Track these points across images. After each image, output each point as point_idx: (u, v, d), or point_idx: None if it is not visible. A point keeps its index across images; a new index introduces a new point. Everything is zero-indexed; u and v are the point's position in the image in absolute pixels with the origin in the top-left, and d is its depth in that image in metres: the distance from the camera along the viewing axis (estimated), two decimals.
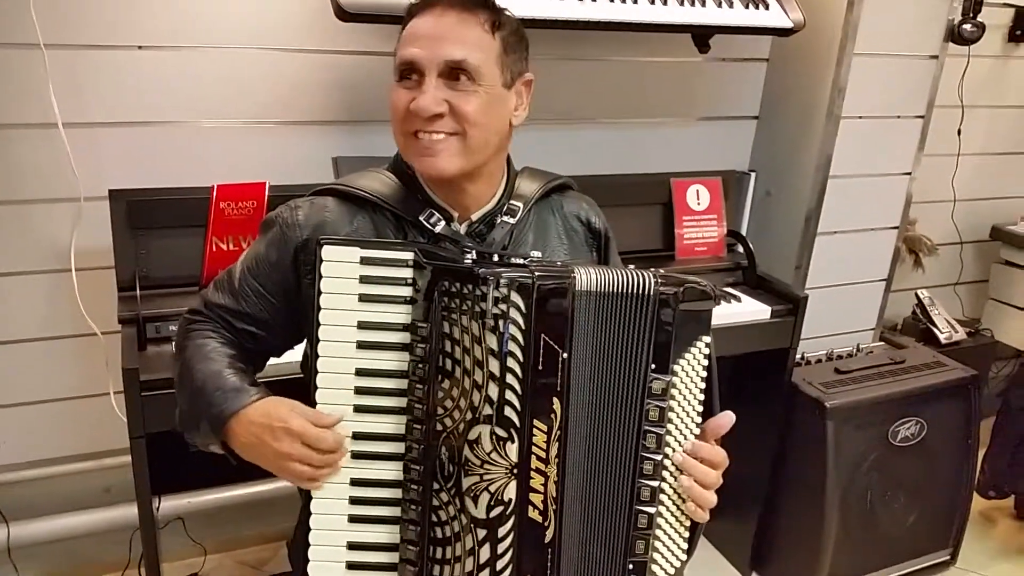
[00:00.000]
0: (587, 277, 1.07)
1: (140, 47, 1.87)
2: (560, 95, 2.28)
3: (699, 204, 2.33)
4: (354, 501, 1.12)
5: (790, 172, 2.50)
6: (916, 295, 3.01)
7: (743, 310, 2.14)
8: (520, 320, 1.04)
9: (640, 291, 1.08)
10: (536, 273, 1.05)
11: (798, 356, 2.38)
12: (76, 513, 2.13)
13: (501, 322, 1.04)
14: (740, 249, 2.36)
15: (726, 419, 1.14)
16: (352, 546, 1.12)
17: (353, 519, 1.12)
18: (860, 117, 2.41)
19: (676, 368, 1.09)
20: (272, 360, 1.31)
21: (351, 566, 1.12)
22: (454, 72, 1.12)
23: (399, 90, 1.15)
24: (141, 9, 1.84)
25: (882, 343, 2.64)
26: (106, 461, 2.13)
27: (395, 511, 1.12)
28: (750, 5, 2.06)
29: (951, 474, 2.43)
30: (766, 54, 2.53)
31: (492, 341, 1.04)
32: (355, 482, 1.12)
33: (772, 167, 2.56)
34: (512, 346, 1.04)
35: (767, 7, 2.08)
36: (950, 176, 2.97)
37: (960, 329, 3.00)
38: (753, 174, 2.59)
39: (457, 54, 1.11)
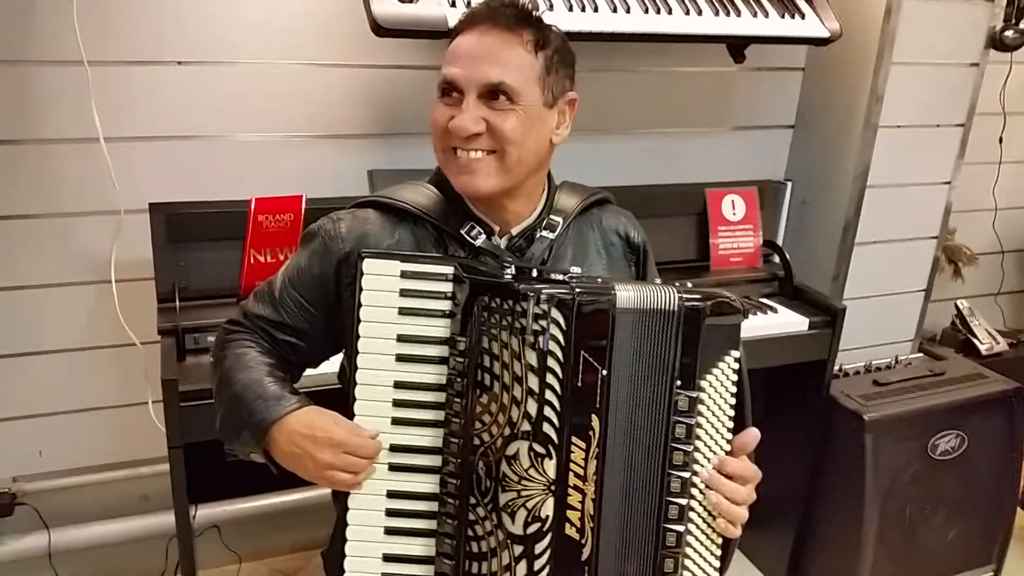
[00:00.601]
0: (626, 294, 1.06)
1: (180, 63, 1.90)
2: (594, 106, 2.27)
3: (734, 214, 2.31)
4: (391, 513, 1.12)
5: (827, 181, 2.48)
6: (956, 305, 2.96)
7: (780, 321, 2.12)
8: (560, 336, 1.04)
9: (670, 305, 1.07)
10: (576, 290, 1.05)
11: (835, 368, 2.35)
12: (114, 520, 2.16)
13: (541, 338, 1.04)
14: (776, 259, 2.34)
15: (751, 436, 1.13)
16: (388, 558, 1.12)
17: (389, 531, 1.12)
18: (898, 126, 2.38)
19: (703, 384, 1.08)
20: (308, 371, 1.32)
21: None
22: (493, 92, 1.12)
23: (440, 106, 1.15)
24: (181, 26, 1.87)
25: (921, 355, 2.60)
26: (143, 470, 2.15)
27: (431, 524, 1.12)
28: (786, 15, 2.04)
29: (994, 488, 2.38)
30: (802, 63, 2.51)
31: (532, 357, 1.04)
32: (392, 494, 1.12)
33: (809, 176, 2.54)
34: (551, 362, 1.04)
35: (803, 16, 2.06)
36: (991, 184, 2.92)
37: (1002, 340, 2.95)
38: (789, 183, 2.56)
39: (495, 76, 1.11)
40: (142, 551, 2.21)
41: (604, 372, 1.05)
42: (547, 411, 1.04)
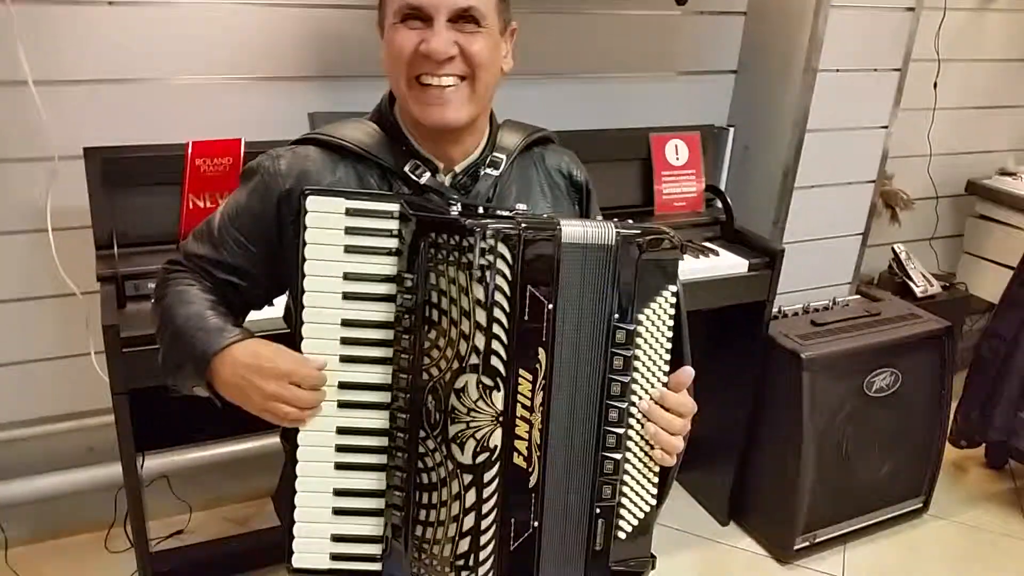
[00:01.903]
0: (571, 230, 1.07)
1: (110, 2, 1.83)
2: (537, 49, 2.25)
3: (678, 159, 2.33)
4: (340, 449, 1.12)
5: (768, 127, 2.51)
6: (892, 249, 3.04)
7: (721, 264, 2.16)
8: (507, 271, 1.05)
9: (609, 239, 1.08)
10: (522, 225, 1.06)
11: (775, 310, 2.41)
12: (61, 472, 2.14)
13: (488, 273, 1.04)
14: (719, 204, 2.38)
15: (685, 375, 1.15)
16: (338, 492, 1.13)
17: (340, 466, 1.12)
18: (837, 70, 2.42)
19: (640, 318, 1.10)
20: (254, 315, 1.31)
21: (337, 511, 1.13)
22: (463, 15, 1.11)
23: (403, 31, 1.12)
24: None
25: (858, 296, 2.68)
26: (89, 421, 2.13)
27: (381, 459, 1.13)
28: None
29: (925, 425, 2.48)
30: (744, 7, 2.52)
31: (479, 292, 1.05)
32: (341, 430, 1.12)
33: (750, 122, 2.57)
34: (499, 296, 1.05)
35: None
36: (926, 130, 3.00)
37: (935, 283, 3.04)
38: (732, 129, 2.59)
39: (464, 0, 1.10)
40: (91, 503, 2.20)
41: (551, 306, 1.07)
42: (495, 345, 1.06)
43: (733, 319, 2.32)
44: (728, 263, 2.17)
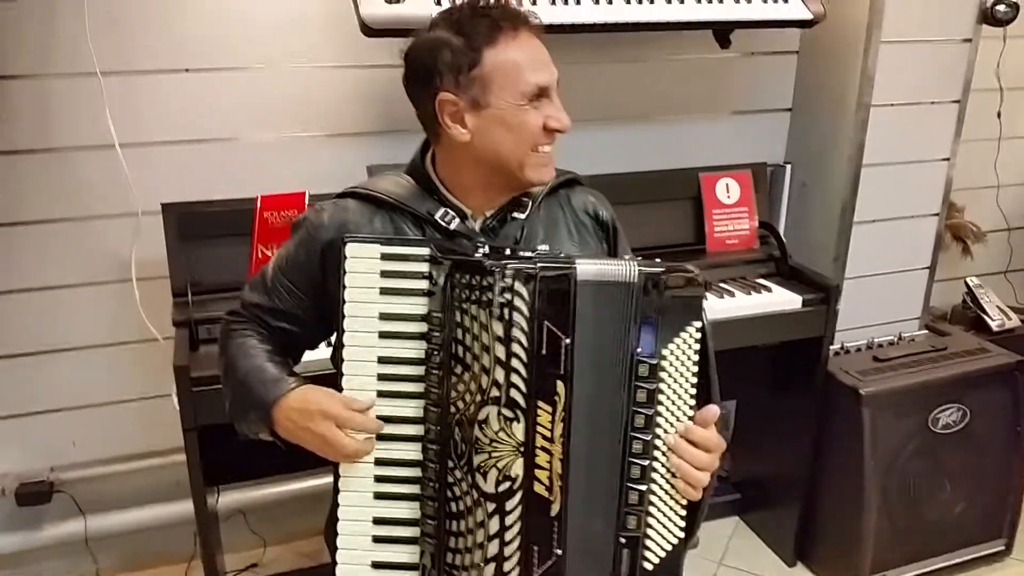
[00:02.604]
0: (586, 267, 1.14)
1: (187, 70, 2.01)
2: (595, 96, 2.35)
3: (729, 197, 2.36)
4: (379, 480, 1.20)
5: (824, 163, 2.52)
6: (966, 283, 2.97)
7: (774, 300, 2.17)
8: (524, 308, 1.11)
9: (629, 276, 1.14)
10: (539, 264, 1.13)
11: (837, 346, 2.39)
12: (146, 507, 2.29)
13: (506, 310, 1.11)
14: (774, 241, 2.39)
15: (711, 412, 1.19)
16: (377, 521, 1.20)
17: (378, 496, 1.20)
18: (892, 104, 2.41)
19: (665, 352, 1.14)
20: (309, 356, 1.42)
21: (377, 539, 1.21)
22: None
23: (532, 112, 1.23)
24: (186, 34, 1.99)
25: (926, 332, 2.62)
26: (175, 457, 2.26)
27: (416, 489, 1.20)
28: None
29: (1000, 463, 2.40)
30: (796, 47, 2.55)
31: (498, 328, 1.12)
32: (379, 462, 1.20)
33: (807, 159, 2.58)
34: (516, 332, 1.12)
35: (786, 0, 2.11)
36: (992, 161, 2.93)
37: (1014, 316, 2.95)
38: (788, 166, 2.61)
39: (557, 73, 1.25)
40: (173, 536, 2.34)
41: (567, 340, 1.13)
42: (514, 378, 1.12)
43: (792, 357, 2.32)
44: (782, 299, 2.18)
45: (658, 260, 1.18)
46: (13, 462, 2.19)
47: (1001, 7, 2.45)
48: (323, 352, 1.45)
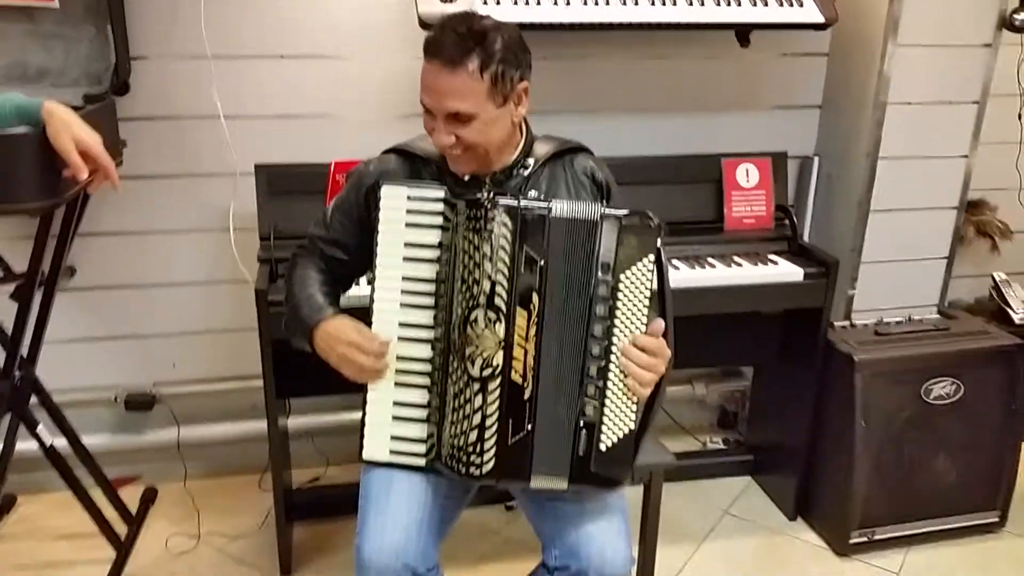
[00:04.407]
0: (560, 207, 1.46)
1: (282, 56, 2.42)
2: (648, 89, 2.67)
3: (748, 181, 2.62)
4: (399, 371, 1.55)
5: (847, 156, 2.74)
6: (992, 276, 3.11)
7: (778, 272, 2.42)
8: (508, 234, 1.44)
9: (594, 216, 1.45)
10: (523, 203, 1.46)
11: (847, 321, 2.61)
12: (231, 422, 2.72)
13: (495, 236, 1.45)
14: (789, 223, 2.63)
15: (658, 324, 1.48)
16: (396, 403, 1.56)
17: (398, 384, 1.55)
18: (908, 103, 2.62)
19: (622, 277, 1.45)
20: (351, 292, 1.78)
21: (396, 418, 1.56)
22: (455, 115, 1.47)
23: (426, 117, 1.53)
24: (282, 26, 2.40)
25: (936, 315, 2.79)
26: (254, 382, 2.64)
27: (426, 380, 1.55)
28: (784, 3, 2.35)
29: (995, 438, 2.54)
30: (826, 48, 2.79)
31: (487, 248, 1.45)
32: (400, 357, 1.55)
33: (833, 151, 2.81)
34: (502, 254, 1.45)
35: (801, 5, 2.36)
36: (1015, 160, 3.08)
37: None
38: (817, 158, 2.85)
39: (452, 107, 1.45)
40: (250, 450, 2.75)
41: (542, 262, 1.45)
42: (498, 288, 1.45)
43: (798, 326, 2.56)
44: (785, 271, 2.43)
45: (627, 210, 1.49)
46: (125, 376, 2.64)
47: (1021, 16, 2.63)
48: (363, 290, 1.81)
